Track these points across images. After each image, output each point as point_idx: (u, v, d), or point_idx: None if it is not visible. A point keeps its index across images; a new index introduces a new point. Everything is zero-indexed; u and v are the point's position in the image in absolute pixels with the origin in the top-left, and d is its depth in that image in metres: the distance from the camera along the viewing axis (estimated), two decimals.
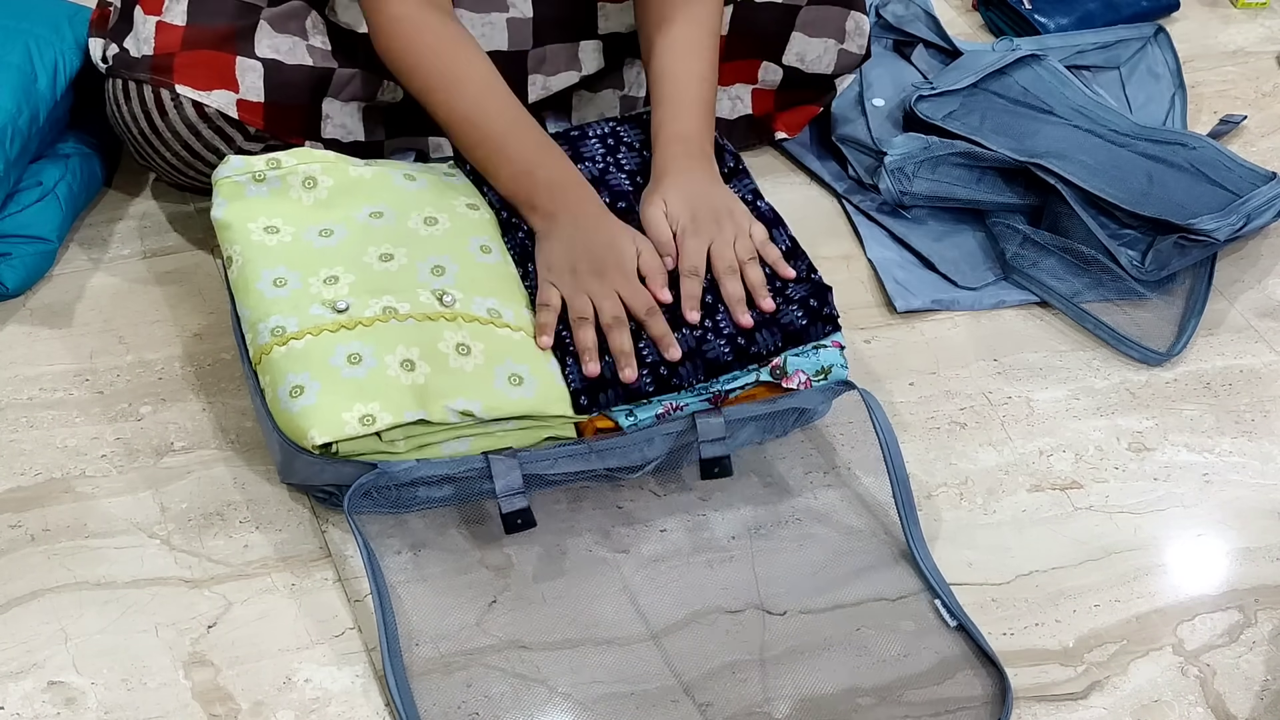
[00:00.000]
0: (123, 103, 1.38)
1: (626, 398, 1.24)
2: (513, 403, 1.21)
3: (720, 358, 1.26)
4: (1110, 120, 1.72)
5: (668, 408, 1.26)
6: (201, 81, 1.37)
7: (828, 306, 1.30)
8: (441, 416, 1.19)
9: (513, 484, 1.20)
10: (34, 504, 1.25)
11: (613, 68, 1.58)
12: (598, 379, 1.24)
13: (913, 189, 1.61)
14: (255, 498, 1.27)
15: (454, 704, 1.14)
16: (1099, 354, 1.53)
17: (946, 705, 1.18)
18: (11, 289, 1.40)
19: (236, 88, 1.38)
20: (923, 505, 1.34)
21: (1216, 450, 1.44)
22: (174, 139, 1.38)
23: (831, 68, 1.63)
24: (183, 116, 1.37)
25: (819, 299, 1.30)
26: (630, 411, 1.25)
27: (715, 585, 1.25)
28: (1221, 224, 1.55)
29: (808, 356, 1.29)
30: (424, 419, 1.18)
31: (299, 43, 1.42)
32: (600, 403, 1.24)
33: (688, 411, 1.26)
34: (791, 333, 1.28)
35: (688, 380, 1.25)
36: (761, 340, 1.27)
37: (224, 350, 1.39)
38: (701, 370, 1.26)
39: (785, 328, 1.28)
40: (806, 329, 1.29)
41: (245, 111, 1.38)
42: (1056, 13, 1.94)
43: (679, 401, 1.26)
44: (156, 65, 1.37)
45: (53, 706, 1.11)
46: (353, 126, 1.46)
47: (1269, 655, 1.26)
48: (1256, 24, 2.09)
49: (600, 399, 1.24)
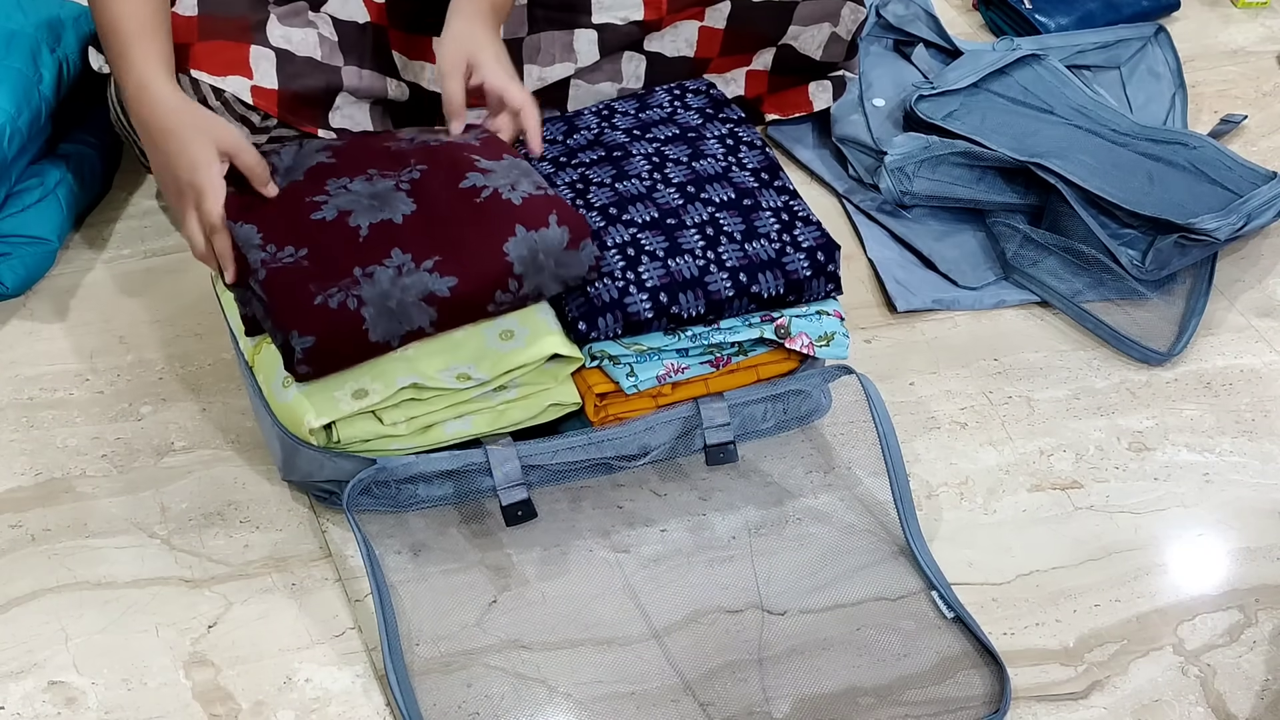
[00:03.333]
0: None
1: (626, 326, 1.23)
2: (507, 356, 1.21)
3: (721, 291, 1.25)
4: (1111, 120, 1.72)
5: (669, 367, 1.26)
6: (217, 67, 1.37)
7: (833, 264, 1.29)
8: (437, 382, 1.19)
9: (511, 474, 1.20)
10: (34, 504, 1.25)
11: (609, 59, 1.58)
12: (597, 304, 1.22)
13: (913, 189, 1.61)
14: (255, 497, 1.27)
15: (454, 704, 1.14)
16: (1099, 354, 1.53)
17: (946, 705, 1.18)
18: (11, 289, 1.40)
19: (251, 74, 1.38)
20: (923, 505, 1.34)
21: (1217, 450, 1.44)
22: None
23: (820, 51, 1.64)
24: None
25: (826, 254, 1.29)
26: (631, 370, 1.24)
27: (715, 585, 1.25)
28: (1222, 223, 1.55)
29: (810, 320, 1.29)
30: (417, 383, 1.18)
31: (310, 33, 1.43)
32: (600, 328, 1.22)
33: (689, 374, 1.26)
34: (794, 281, 1.28)
35: (687, 310, 1.25)
36: (763, 281, 1.27)
37: (224, 350, 1.39)
38: (702, 302, 1.25)
39: (789, 275, 1.28)
40: (809, 280, 1.29)
41: (259, 98, 1.38)
42: (1057, 12, 1.94)
43: (681, 363, 1.26)
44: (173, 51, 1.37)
45: (53, 706, 1.11)
46: (360, 118, 1.47)
47: (1269, 655, 1.25)
48: (1256, 24, 2.09)
49: (600, 324, 1.23)
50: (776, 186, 1.34)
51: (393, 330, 1.15)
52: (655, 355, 1.25)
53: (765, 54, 1.65)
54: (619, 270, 1.24)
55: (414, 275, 1.15)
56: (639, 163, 1.34)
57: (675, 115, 1.42)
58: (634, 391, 1.24)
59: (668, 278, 1.24)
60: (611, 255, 1.25)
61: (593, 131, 1.40)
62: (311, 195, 1.21)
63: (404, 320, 1.15)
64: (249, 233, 1.17)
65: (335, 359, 1.15)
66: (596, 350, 1.24)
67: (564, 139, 1.40)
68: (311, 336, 1.12)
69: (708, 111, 1.42)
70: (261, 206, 1.20)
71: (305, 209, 1.19)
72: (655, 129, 1.40)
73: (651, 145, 1.37)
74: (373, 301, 1.14)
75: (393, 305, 1.14)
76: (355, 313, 1.13)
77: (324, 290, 1.14)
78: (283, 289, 1.14)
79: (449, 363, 1.20)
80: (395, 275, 1.15)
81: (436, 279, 1.16)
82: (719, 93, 1.46)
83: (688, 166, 1.34)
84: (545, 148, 1.37)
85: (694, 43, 1.61)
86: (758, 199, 1.32)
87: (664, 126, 1.40)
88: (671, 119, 1.41)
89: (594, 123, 1.42)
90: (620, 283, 1.23)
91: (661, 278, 1.24)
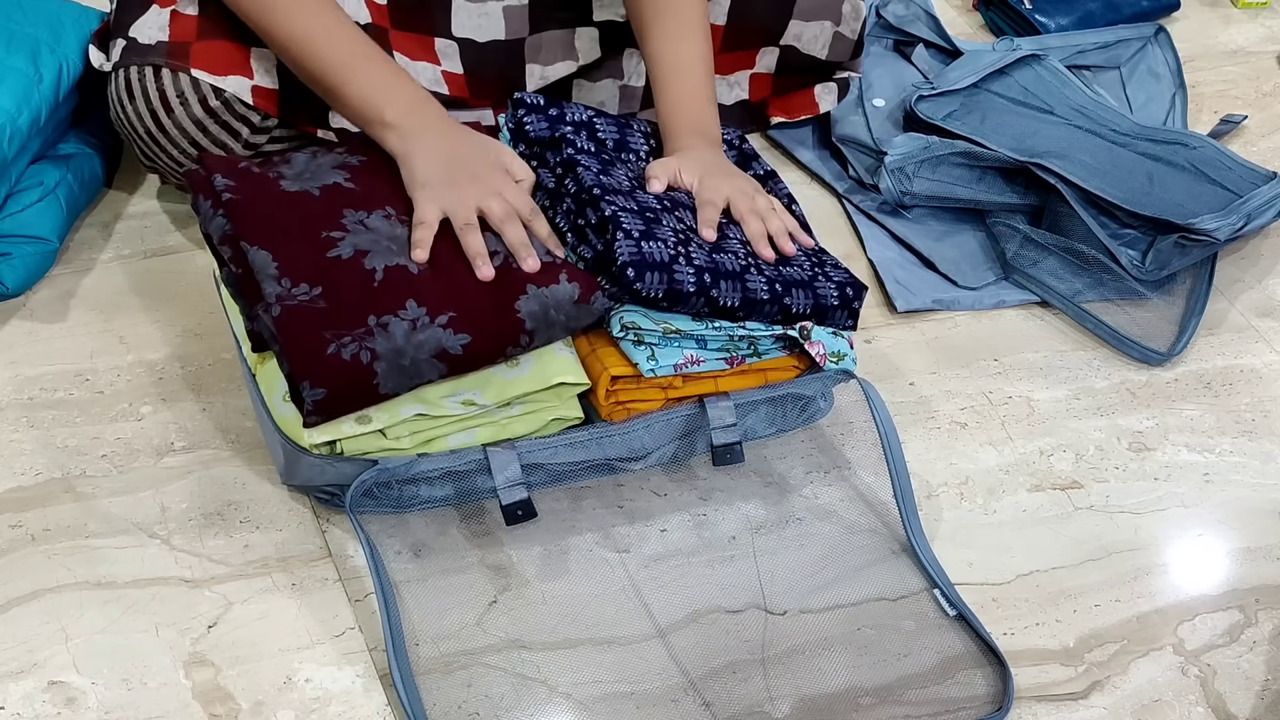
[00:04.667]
0: (127, 102, 1.38)
1: (668, 293, 1.22)
2: (512, 383, 1.22)
3: (758, 291, 1.26)
4: (1111, 120, 1.72)
5: (687, 358, 1.26)
6: (217, 67, 1.37)
7: (858, 301, 1.32)
8: (441, 409, 1.19)
9: (512, 475, 1.21)
10: (34, 504, 1.25)
11: (611, 57, 1.59)
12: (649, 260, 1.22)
13: (913, 189, 1.61)
14: (255, 498, 1.27)
15: (454, 704, 1.14)
16: (1099, 354, 1.53)
17: (947, 705, 1.18)
18: (12, 289, 1.40)
19: (251, 74, 1.38)
20: (923, 505, 1.34)
21: (1217, 450, 1.44)
22: (181, 136, 1.38)
23: (826, 51, 1.64)
24: (190, 113, 1.37)
25: (855, 291, 1.32)
26: (652, 353, 1.24)
27: (716, 585, 1.25)
28: (1222, 224, 1.55)
29: (828, 335, 1.31)
30: (423, 414, 1.18)
31: None
32: (646, 281, 1.22)
33: (704, 367, 1.27)
34: (820, 307, 1.30)
35: (724, 299, 1.25)
36: (794, 297, 1.28)
37: (224, 350, 1.39)
38: (739, 295, 1.25)
39: (818, 298, 1.29)
40: (834, 309, 1.31)
41: (260, 98, 1.38)
42: (1057, 12, 1.94)
43: (699, 354, 1.26)
44: (172, 50, 1.37)
45: (53, 706, 1.11)
46: None
47: (1269, 655, 1.26)
48: (1256, 24, 2.09)
49: (647, 278, 1.22)
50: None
51: (402, 385, 1.16)
52: (677, 340, 1.25)
53: (769, 56, 1.65)
54: (671, 241, 1.25)
55: (428, 331, 1.15)
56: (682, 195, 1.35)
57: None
58: (651, 375, 1.24)
59: (713, 265, 1.25)
60: (665, 230, 1.26)
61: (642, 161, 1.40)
62: (328, 229, 1.21)
63: (415, 376, 1.16)
64: (264, 261, 1.17)
65: (344, 408, 1.16)
66: (628, 320, 1.24)
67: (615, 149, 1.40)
68: (323, 390, 1.13)
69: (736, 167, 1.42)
70: (278, 234, 1.20)
71: (322, 244, 1.19)
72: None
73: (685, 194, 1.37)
74: (386, 357, 1.14)
75: (405, 363, 1.14)
76: (368, 367, 1.13)
77: (338, 338, 1.14)
78: (297, 334, 1.14)
79: (454, 389, 1.20)
80: (410, 330, 1.15)
81: (450, 335, 1.16)
82: (749, 147, 1.47)
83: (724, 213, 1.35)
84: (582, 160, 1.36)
85: None
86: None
87: None
88: None
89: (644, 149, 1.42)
90: (671, 251, 1.24)
91: (707, 263, 1.25)
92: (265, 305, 1.15)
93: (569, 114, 1.39)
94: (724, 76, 1.65)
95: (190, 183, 1.26)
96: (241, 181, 1.24)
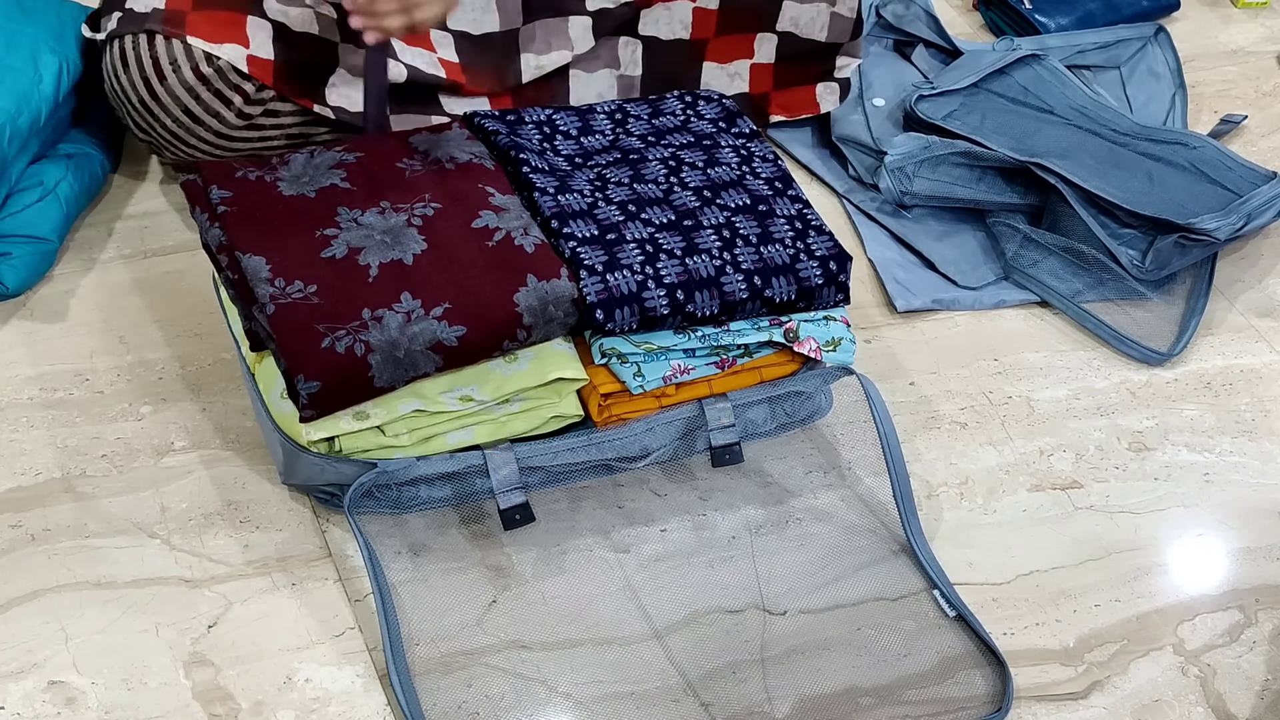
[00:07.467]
0: (121, 72, 1.38)
1: (643, 320, 1.22)
2: (510, 379, 1.21)
3: (736, 292, 1.26)
4: (1110, 120, 1.72)
5: (675, 368, 1.26)
6: (213, 35, 1.37)
7: (844, 274, 1.30)
8: (439, 405, 1.19)
9: (510, 478, 1.21)
10: (34, 504, 1.25)
11: (606, 47, 1.59)
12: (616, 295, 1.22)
13: (913, 189, 1.61)
14: (255, 498, 1.27)
15: (454, 703, 1.14)
16: (1099, 354, 1.53)
17: (947, 705, 1.18)
18: (12, 289, 1.40)
19: (247, 43, 1.39)
20: (923, 505, 1.34)
21: (1217, 450, 1.44)
22: (174, 103, 1.38)
23: (825, 32, 1.64)
24: (181, 79, 1.37)
25: (838, 264, 1.30)
26: (638, 370, 1.24)
27: (716, 585, 1.25)
28: (1222, 223, 1.55)
29: (819, 325, 1.30)
30: (420, 410, 1.18)
31: (307, 12, 1.43)
32: (617, 320, 1.22)
33: (695, 374, 1.26)
34: (806, 288, 1.29)
35: (701, 309, 1.25)
36: (776, 285, 1.27)
37: (224, 350, 1.39)
38: (716, 302, 1.25)
39: (801, 281, 1.28)
40: (821, 288, 1.29)
41: (255, 67, 1.39)
42: (1057, 12, 1.94)
43: (687, 363, 1.26)
44: (169, 17, 1.37)
45: (53, 706, 1.11)
46: (356, 99, 1.47)
47: (1269, 655, 1.25)
48: (1256, 24, 2.09)
49: (617, 315, 1.22)
50: (790, 195, 1.34)
51: (398, 377, 1.16)
52: (663, 355, 1.26)
53: (767, 45, 1.65)
54: (638, 264, 1.24)
55: (423, 323, 1.15)
56: (655, 167, 1.35)
57: (689, 124, 1.42)
58: (640, 391, 1.24)
59: (685, 275, 1.25)
60: (630, 249, 1.25)
61: (608, 136, 1.40)
62: (322, 227, 1.21)
63: (410, 368, 1.15)
64: (257, 265, 1.17)
65: (340, 401, 1.16)
66: (606, 348, 1.24)
67: (579, 135, 1.40)
68: (317, 383, 1.13)
69: (721, 124, 1.42)
70: (272, 238, 1.20)
71: (315, 245, 1.19)
72: (670, 135, 1.40)
73: (667, 150, 1.37)
74: (380, 349, 1.14)
75: (400, 355, 1.14)
76: (362, 359, 1.13)
77: (332, 331, 1.14)
78: (291, 329, 1.14)
79: (452, 384, 1.20)
80: (404, 322, 1.15)
81: (445, 328, 1.16)
82: (731, 104, 1.46)
83: (703, 172, 1.35)
84: (561, 144, 1.36)
85: (689, 24, 1.61)
86: (772, 205, 1.32)
87: (678, 134, 1.40)
88: (685, 127, 1.42)
89: (608, 126, 1.42)
90: (639, 276, 1.23)
91: (679, 275, 1.24)
92: (260, 305, 1.16)
93: (528, 115, 1.39)
94: (723, 66, 1.64)
95: (187, 195, 1.27)
96: (238, 190, 1.24)
